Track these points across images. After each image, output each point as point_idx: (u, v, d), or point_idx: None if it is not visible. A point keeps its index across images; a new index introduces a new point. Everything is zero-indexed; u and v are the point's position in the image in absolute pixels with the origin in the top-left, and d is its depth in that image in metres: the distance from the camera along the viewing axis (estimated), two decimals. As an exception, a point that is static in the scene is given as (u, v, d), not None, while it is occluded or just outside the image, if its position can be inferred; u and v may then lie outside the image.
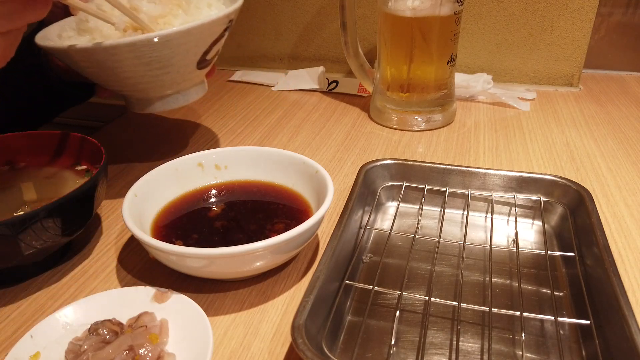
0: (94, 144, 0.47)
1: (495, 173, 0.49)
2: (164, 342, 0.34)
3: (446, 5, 0.61)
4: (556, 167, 0.58)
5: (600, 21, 0.85)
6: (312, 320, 0.33)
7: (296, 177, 0.48)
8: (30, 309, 0.39)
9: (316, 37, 0.90)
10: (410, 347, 0.35)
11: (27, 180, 0.48)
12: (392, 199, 0.51)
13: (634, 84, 0.84)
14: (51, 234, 0.39)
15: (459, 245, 0.44)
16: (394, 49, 0.66)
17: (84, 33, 0.48)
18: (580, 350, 0.35)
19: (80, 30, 0.48)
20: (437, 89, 0.67)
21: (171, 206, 0.46)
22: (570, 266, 0.41)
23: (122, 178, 0.58)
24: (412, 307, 0.39)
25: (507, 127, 0.69)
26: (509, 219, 0.48)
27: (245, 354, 0.35)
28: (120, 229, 0.49)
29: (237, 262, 0.37)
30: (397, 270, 0.42)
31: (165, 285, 0.39)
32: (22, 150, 0.50)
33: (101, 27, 0.47)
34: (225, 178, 0.50)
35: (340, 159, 0.61)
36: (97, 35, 0.47)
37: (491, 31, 0.82)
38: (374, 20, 0.86)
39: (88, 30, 0.48)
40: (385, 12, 0.65)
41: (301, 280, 0.42)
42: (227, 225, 0.44)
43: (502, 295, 0.40)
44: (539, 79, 0.84)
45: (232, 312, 0.39)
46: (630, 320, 0.32)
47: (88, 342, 0.33)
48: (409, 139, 0.66)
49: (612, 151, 0.61)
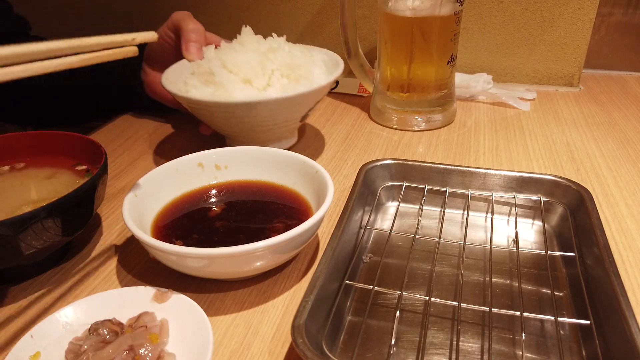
0: (94, 144, 0.47)
1: (495, 173, 0.49)
2: (164, 342, 0.34)
3: (446, 5, 0.61)
4: (556, 167, 0.58)
5: (600, 21, 0.85)
6: (312, 320, 0.33)
7: (296, 177, 0.48)
8: (30, 309, 0.39)
9: (316, 37, 0.90)
10: (410, 347, 0.35)
11: (27, 180, 0.48)
12: (392, 199, 0.51)
13: (634, 84, 0.84)
14: (51, 234, 0.39)
15: (459, 245, 0.44)
16: (394, 49, 0.66)
17: (208, 84, 0.54)
18: (580, 350, 0.35)
19: (205, 81, 0.54)
20: (437, 89, 0.67)
21: (171, 206, 0.46)
22: (570, 266, 0.41)
23: (122, 178, 0.58)
24: (412, 307, 0.39)
25: (507, 127, 0.69)
26: (509, 219, 0.48)
27: (245, 354, 0.35)
28: (120, 229, 0.49)
29: (237, 262, 0.37)
30: (397, 270, 0.42)
31: (165, 285, 0.39)
32: (22, 150, 0.50)
33: (226, 82, 0.52)
34: (226, 178, 0.50)
35: (340, 159, 0.61)
36: (220, 89, 0.53)
37: (491, 31, 0.82)
38: (374, 20, 0.86)
39: (213, 82, 0.53)
40: (385, 12, 0.65)
41: (301, 280, 0.42)
42: (227, 225, 0.44)
43: (502, 295, 0.40)
44: (539, 79, 0.84)
45: (232, 312, 0.39)
46: (630, 320, 0.32)
47: (88, 342, 0.33)
48: (409, 139, 0.66)
49: (612, 151, 0.61)
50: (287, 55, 0.56)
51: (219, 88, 0.53)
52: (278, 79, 0.54)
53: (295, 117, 0.55)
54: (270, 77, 0.54)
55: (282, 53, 0.56)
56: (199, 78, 0.54)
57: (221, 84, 0.52)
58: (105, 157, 0.45)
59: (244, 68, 0.53)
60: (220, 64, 0.53)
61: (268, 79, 0.54)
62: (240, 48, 0.56)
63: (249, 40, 0.56)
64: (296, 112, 0.55)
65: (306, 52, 0.59)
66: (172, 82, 0.56)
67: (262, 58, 0.54)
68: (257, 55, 0.54)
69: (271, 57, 0.55)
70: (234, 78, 0.53)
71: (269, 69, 0.54)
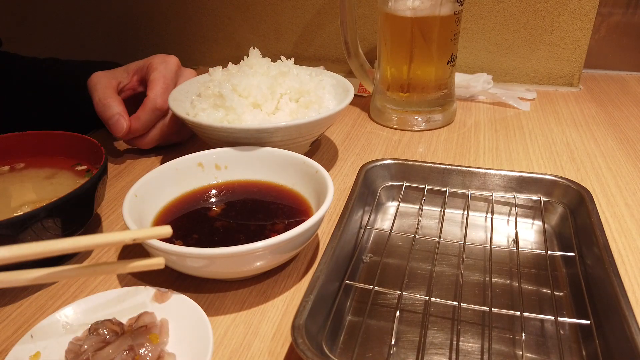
0: (94, 144, 0.47)
1: (495, 173, 0.49)
2: (164, 342, 0.34)
3: (446, 5, 0.61)
4: (556, 167, 0.58)
5: (600, 21, 0.85)
6: (312, 320, 0.33)
7: (296, 177, 0.48)
8: (30, 309, 0.39)
9: (316, 37, 0.90)
10: (410, 347, 0.35)
11: (27, 180, 0.48)
12: (392, 199, 0.51)
13: (634, 84, 0.84)
14: (51, 234, 0.39)
15: (459, 245, 0.44)
16: (394, 49, 0.66)
17: (218, 108, 0.54)
18: (580, 350, 0.35)
19: (214, 104, 0.54)
20: (437, 88, 0.67)
21: (171, 206, 0.46)
22: (570, 266, 0.41)
23: (122, 178, 0.58)
24: (412, 307, 0.39)
25: (507, 127, 0.69)
26: (509, 219, 0.48)
27: (245, 354, 0.35)
28: (120, 229, 0.49)
29: (237, 262, 0.37)
30: (397, 270, 0.42)
31: (165, 285, 0.39)
32: (22, 150, 0.50)
33: (237, 106, 0.52)
34: (226, 178, 0.50)
35: (340, 159, 0.61)
36: (231, 113, 0.52)
37: (491, 31, 0.82)
38: (374, 20, 0.86)
39: (223, 106, 0.53)
40: (385, 12, 0.65)
41: (301, 280, 0.42)
42: (227, 225, 0.44)
43: (502, 295, 0.40)
44: (539, 79, 0.84)
45: (232, 312, 0.39)
46: (630, 320, 0.32)
47: (88, 342, 0.33)
48: (409, 139, 0.66)
49: (612, 151, 0.61)
50: (296, 79, 0.56)
51: (230, 112, 0.52)
52: (287, 102, 0.54)
53: (305, 142, 0.55)
54: (279, 101, 0.54)
55: (291, 77, 0.56)
56: (208, 101, 0.54)
57: (232, 108, 0.52)
58: (105, 157, 0.45)
59: (254, 92, 0.53)
60: (231, 88, 0.53)
61: (277, 103, 0.54)
62: (249, 72, 0.55)
63: (258, 63, 0.56)
64: (307, 138, 0.54)
65: (314, 75, 0.59)
66: (179, 102, 0.56)
67: (272, 82, 0.54)
68: (267, 80, 0.55)
69: (280, 82, 0.55)
70: (244, 102, 0.53)
71: (277, 93, 0.55)
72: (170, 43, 0.99)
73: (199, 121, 0.51)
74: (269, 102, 0.54)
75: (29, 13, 1.06)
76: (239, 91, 0.53)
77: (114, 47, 1.05)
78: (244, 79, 0.54)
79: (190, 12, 0.95)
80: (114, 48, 1.05)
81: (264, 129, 0.49)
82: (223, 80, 0.55)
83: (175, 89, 0.58)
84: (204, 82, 0.57)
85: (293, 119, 0.53)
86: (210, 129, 0.51)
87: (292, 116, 0.54)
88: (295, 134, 0.51)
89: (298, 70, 0.59)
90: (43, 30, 1.07)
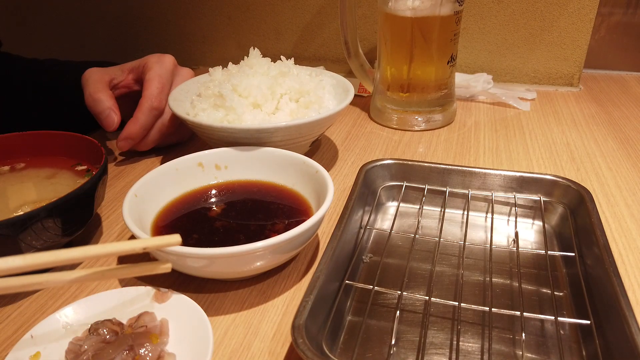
0: (94, 144, 0.47)
1: (495, 173, 0.49)
2: (164, 342, 0.34)
3: (446, 5, 0.61)
4: (556, 167, 0.58)
5: (600, 21, 0.85)
6: (312, 320, 0.33)
7: (296, 177, 0.48)
8: (30, 309, 0.39)
9: (316, 37, 0.90)
10: (410, 347, 0.35)
11: (27, 180, 0.48)
12: (392, 199, 0.51)
13: (634, 84, 0.84)
14: (51, 234, 0.39)
15: (459, 245, 0.44)
16: (394, 49, 0.66)
17: (218, 108, 0.54)
18: (580, 350, 0.35)
19: (215, 104, 0.54)
20: (437, 88, 0.67)
21: (171, 206, 0.46)
22: (570, 266, 0.41)
23: (122, 178, 0.58)
24: (412, 307, 0.39)
25: (507, 127, 0.69)
26: (509, 219, 0.48)
27: (245, 354, 0.35)
28: (120, 229, 0.49)
29: (237, 262, 0.37)
30: (397, 270, 0.42)
31: (165, 285, 0.39)
32: (22, 150, 0.50)
33: (237, 106, 0.52)
34: (226, 178, 0.50)
35: (340, 159, 0.61)
36: (231, 113, 0.52)
37: (491, 31, 0.82)
38: (374, 20, 0.86)
39: (223, 106, 0.53)
40: (385, 12, 0.65)
41: (301, 280, 0.42)
42: (227, 225, 0.44)
43: (502, 295, 0.40)
44: (539, 79, 0.84)
45: (232, 312, 0.39)
46: (630, 320, 0.32)
47: (88, 342, 0.33)
48: (409, 139, 0.66)
49: (612, 151, 0.61)
50: (296, 79, 0.56)
51: (230, 112, 0.53)
52: (287, 102, 0.54)
53: (305, 142, 0.55)
54: (279, 101, 0.54)
55: (291, 77, 0.56)
56: (208, 101, 0.54)
57: (232, 108, 0.52)
58: (105, 157, 0.45)
59: (254, 92, 0.53)
60: (231, 88, 0.53)
61: (277, 103, 0.54)
62: (250, 72, 0.56)
63: (258, 63, 0.56)
64: (307, 138, 0.54)
65: (314, 76, 0.59)
66: (179, 102, 0.56)
67: (272, 83, 0.54)
68: (268, 80, 0.55)
69: (280, 82, 0.55)
70: (244, 102, 0.53)
71: (278, 93, 0.55)
72: (170, 43, 0.99)
73: (199, 121, 0.51)
74: (269, 102, 0.54)
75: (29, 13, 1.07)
76: (239, 91, 0.53)
77: (114, 48, 1.05)
78: (244, 79, 0.54)
79: (190, 12, 0.95)
80: (114, 48, 1.05)
81: (264, 129, 0.49)
82: (223, 80, 0.55)
83: (175, 89, 0.58)
84: (204, 82, 0.57)
85: (293, 119, 0.53)
86: (210, 129, 0.51)
87: (292, 116, 0.54)
88: (295, 134, 0.51)
89: (298, 70, 0.59)
90: (43, 30, 1.07)
